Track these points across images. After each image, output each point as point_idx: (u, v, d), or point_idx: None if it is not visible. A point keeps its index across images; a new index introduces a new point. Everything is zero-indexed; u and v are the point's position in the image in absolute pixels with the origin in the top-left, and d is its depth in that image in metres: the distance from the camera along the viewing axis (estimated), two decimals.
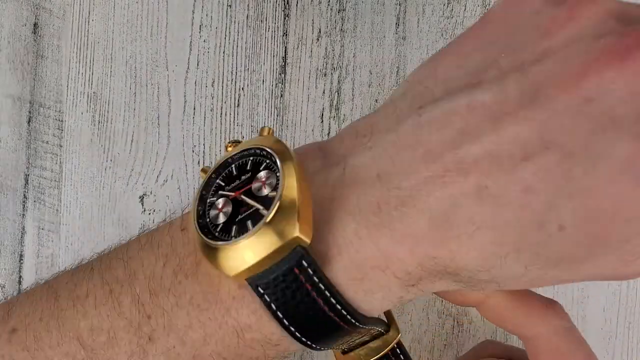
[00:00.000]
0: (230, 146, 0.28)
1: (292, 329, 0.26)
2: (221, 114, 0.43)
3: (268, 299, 0.25)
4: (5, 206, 0.42)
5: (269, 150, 0.27)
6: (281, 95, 0.43)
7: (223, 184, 0.28)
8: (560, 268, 0.25)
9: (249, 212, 0.26)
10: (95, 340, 0.27)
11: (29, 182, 0.43)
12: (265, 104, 0.43)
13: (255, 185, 0.26)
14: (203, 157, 0.43)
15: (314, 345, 0.27)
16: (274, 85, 0.43)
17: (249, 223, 0.26)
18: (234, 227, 0.26)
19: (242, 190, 0.27)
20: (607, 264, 0.25)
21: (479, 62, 0.26)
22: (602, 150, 0.24)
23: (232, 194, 0.27)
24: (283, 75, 0.43)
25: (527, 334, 0.31)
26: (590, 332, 0.43)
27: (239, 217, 0.26)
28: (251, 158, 0.27)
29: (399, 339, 0.29)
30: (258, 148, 0.27)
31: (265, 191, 0.26)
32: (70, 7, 0.43)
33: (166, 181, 0.43)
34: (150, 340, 0.27)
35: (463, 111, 0.25)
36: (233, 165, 0.28)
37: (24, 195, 0.43)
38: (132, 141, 0.43)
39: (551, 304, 0.30)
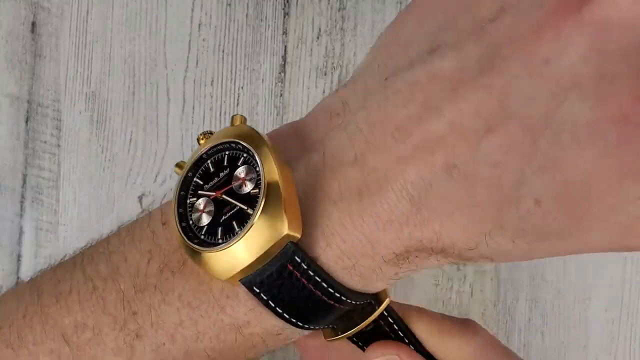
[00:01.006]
0: (202, 138, 0.27)
1: (294, 320, 0.26)
2: (220, 113, 0.43)
3: (265, 297, 0.25)
4: (3, 206, 0.42)
5: (244, 144, 0.26)
6: (281, 95, 0.43)
7: (201, 182, 0.27)
8: (550, 242, 0.24)
9: (232, 211, 0.25)
10: (79, 337, 0.27)
11: (27, 182, 0.42)
12: (265, 103, 0.43)
13: (236, 184, 0.26)
14: None
15: (315, 327, 0.27)
16: (273, 85, 0.43)
17: (235, 224, 0.25)
18: (219, 229, 0.25)
19: (223, 190, 0.26)
20: (602, 237, 0.24)
21: (439, 22, 0.25)
22: (565, 117, 0.22)
23: (213, 193, 0.26)
24: (283, 75, 0.43)
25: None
26: (592, 333, 0.43)
27: (223, 217, 0.25)
28: (227, 153, 0.27)
29: (388, 304, 0.28)
30: (233, 142, 0.26)
31: (247, 188, 0.25)
32: (69, 5, 0.43)
33: (165, 181, 0.42)
34: (137, 337, 0.26)
35: (424, 81, 0.24)
36: (209, 162, 0.27)
37: (22, 195, 0.42)
38: (130, 140, 0.42)
39: (465, 324, 0.29)
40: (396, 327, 0.29)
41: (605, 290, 0.43)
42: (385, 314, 0.29)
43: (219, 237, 0.25)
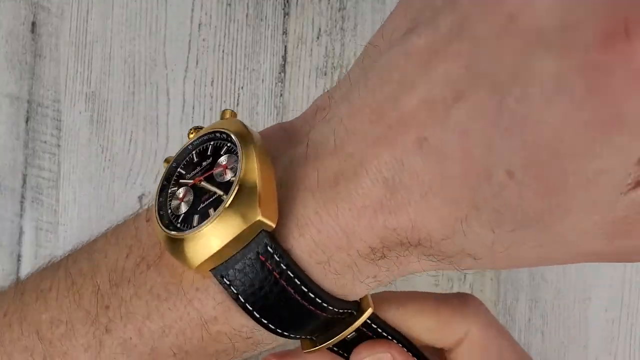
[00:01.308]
0: (192, 133, 0.27)
1: (265, 320, 0.25)
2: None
3: (235, 290, 0.24)
4: (3, 206, 0.42)
5: (228, 132, 0.25)
6: (281, 95, 0.43)
7: (184, 172, 0.26)
8: (533, 231, 0.23)
9: (210, 199, 0.25)
10: (53, 332, 0.27)
11: (26, 182, 0.42)
12: (265, 103, 0.43)
13: (217, 171, 0.25)
14: None
15: (290, 335, 0.26)
16: (273, 85, 0.43)
17: (211, 211, 0.25)
18: (196, 217, 0.25)
19: (203, 176, 0.25)
20: (588, 230, 0.22)
21: (420, 6, 0.25)
22: (531, 71, 0.21)
23: (192, 181, 0.26)
24: (283, 75, 0.43)
25: (446, 344, 0.29)
26: (592, 333, 0.43)
27: (201, 206, 0.25)
28: (212, 142, 0.26)
29: (371, 313, 0.28)
30: (218, 131, 0.26)
31: (228, 176, 0.25)
32: (69, 5, 0.43)
33: None
34: (106, 331, 0.26)
35: (401, 61, 0.24)
36: (194, 152, 0.27)
37: (22, 195, 0.42)
38: (130, 141, 0.42)
39: (463, 301, 0.29)
40: (381, 331, 0.29)
41: (605, 290, 0.43)
42: (369, 321, 0.28)
43: (195, 224, 0.25)
